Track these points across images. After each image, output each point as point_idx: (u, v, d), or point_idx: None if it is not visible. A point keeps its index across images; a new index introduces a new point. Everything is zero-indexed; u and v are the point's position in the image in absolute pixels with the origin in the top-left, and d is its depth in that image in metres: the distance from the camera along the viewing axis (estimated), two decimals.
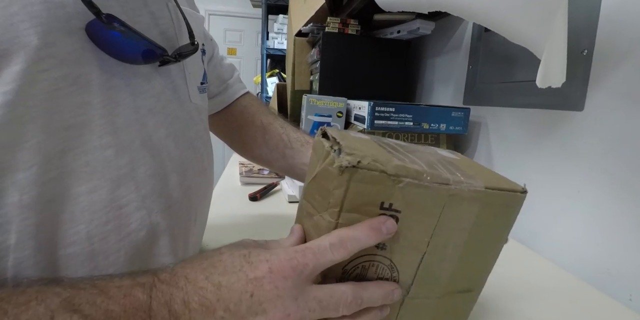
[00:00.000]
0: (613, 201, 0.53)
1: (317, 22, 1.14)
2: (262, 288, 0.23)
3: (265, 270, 0.24)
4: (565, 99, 0.61)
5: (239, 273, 0.24)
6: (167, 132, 0.33)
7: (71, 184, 0.26)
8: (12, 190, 0.23)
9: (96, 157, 0.27)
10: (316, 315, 0.24)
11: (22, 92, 0.23)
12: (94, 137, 0.26)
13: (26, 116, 0.23)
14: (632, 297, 0.49)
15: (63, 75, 0.25)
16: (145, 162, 0.30)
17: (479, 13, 0.57)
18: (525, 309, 0.44)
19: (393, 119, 0.82)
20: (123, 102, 0.29)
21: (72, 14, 0.25)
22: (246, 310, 0.23)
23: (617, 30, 0.53)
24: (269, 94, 2.77)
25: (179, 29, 0.37)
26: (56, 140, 0.25)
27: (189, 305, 0.23)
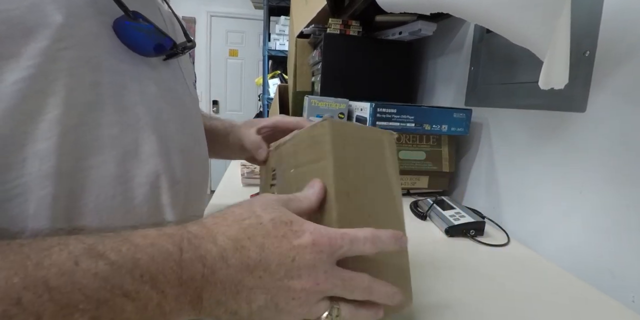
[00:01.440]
0: (616, 202, 0.53)
1: (319, 23, 1.14)
2: (303, 255, 0.26)
3: (308, 240, 0.27)
4: (567, 100, 0.61)
5: (283, 239, 0.26)
6: (169, 117, 0.35)
7: (83, 157, 0.27)
8: (33, 159, 0.24)
9: (104, 133, 0.28)
10: (337, 291, 0.28)
11: (45, 67, 0.24)
12: (103, 115, 0.28)
13: (47, 90, 0.25)
14: (634, 298, 0.49)
15: (79, 55, 0.27)
16: (149, 141, 0.32)
17: (481, 14, 0.57)
18: (527, 310, 0.44)
19: (395, 120, 0.82)
20: (129, 86, 0.31)
21: (94, 2, 0.28)
22: (284, 273, 0.26)
23: (619, 32, 0.53)
24: (271, 95, 2.77)
25: (173, 29, 0.41)
26: (72, 114, 0.26)
27: (228, 261, 0.25)
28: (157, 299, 0.22)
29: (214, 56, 3.95)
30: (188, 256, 0.24)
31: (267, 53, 2.85)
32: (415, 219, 0.74)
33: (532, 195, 0.68)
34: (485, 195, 0.82)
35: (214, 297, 0.25)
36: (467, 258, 0.58)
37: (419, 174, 0.89)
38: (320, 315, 0.28)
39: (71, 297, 0.19)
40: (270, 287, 0.26)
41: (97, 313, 0.20)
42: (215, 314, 0.26)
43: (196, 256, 0.24)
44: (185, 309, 0.24)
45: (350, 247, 0.28)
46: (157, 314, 0.22)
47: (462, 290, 0.48)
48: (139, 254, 0.22)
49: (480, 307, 0.45)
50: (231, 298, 0.25)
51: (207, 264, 0.24)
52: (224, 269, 0.24)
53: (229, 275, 0.25)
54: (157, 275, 0.22)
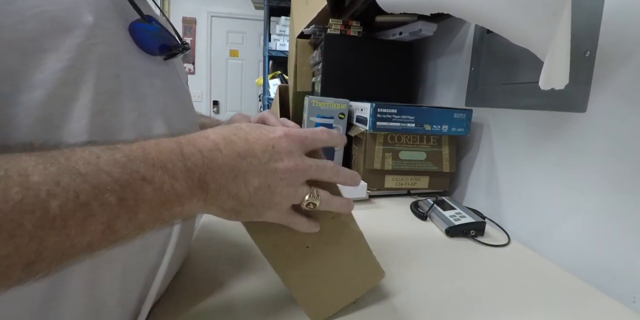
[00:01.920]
0: (616, 202, 0.53)
1: (319, 23, 1.14)
2: (280, 144, 0.33)
3: (281, 133, 0.33)
4: (568, 101, 0.61)
5: (261, 134, 0.33)
6: (173, 108, 0.39)
7: (107, 137, 0.31)
8: (68, 137, 0.28)
9: (124, 117, 0.32)
10: (312, 171, 0.34)
11: (79, 60, 0.29)
12: (123, 102, 0.32)
13: (80, 78, 0.29)
14: (635, 299, 0.49)
15: (105, 50, 0.31)
16: (160, 128, 0.36)
17: (482, 15, 0.57)
18: (527, 311, 0.44)
19: (395, 120, 0.82)
20: (141, 79, 0.35)
21: (116, 8, 0.33)
22: (269, 157, 0.32)
23: (620, 32, 0.53)
24: (271, 96, 2.77)
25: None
26: (99, 100, 0.30)
27: (222, 151, 0.30)
28: (170, 182, 0.27)
29: (215, 56, 3.95)
30: (188, 149, 0.29)
31: (267, 53, 2.85)
32: (416, 219, 0.74)
33: (533, 195, 0.68)
34: (486, 195, 0.82)
35: (215, 181, 0.30)
36: (467, 258, 0.58)
37: (420, 175, 0.89)
38: (304, 195, 0.35)
39: (100, 180, 0.23)
40: (260, 170, 0.32)
41: (123, 193, 0.24)
42: (220, 200, 0.31)
43: (195, 149, 0.29)
44: (196, 193, 0.29)
45: (314, 137, 0.36)
46: (172, 195, 0.27)
47: (463, 290, 0.48)
48: (148, 149, 0.27)
49: (480, 308, 0.45)
50: (231, 181, 0.31)
51: (205, 154, 0.29)
52: (220, 157, 0.30)
53: (225, 162, 0.30)
54: (166, 164, 0.27)
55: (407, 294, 0.47)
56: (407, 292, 0.47)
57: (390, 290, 0.47)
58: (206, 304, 0.43)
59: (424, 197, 0.82)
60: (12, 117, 0.26)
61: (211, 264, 0.52)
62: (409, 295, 0.46)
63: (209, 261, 0.53)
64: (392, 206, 0.83)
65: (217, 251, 0.56)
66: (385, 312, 0.43)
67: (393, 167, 0.86)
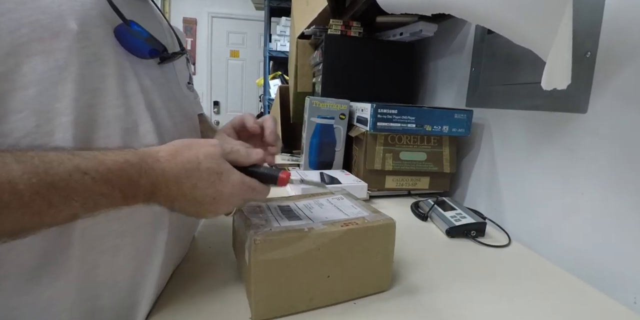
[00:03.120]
0: (617, 203, 0.52)
1: (320, 24, 1.15)
2: (222, 197, 0.37)
3: (229, 190, 0.37)
4: (569, 101, 0.61)
5: (211, 184, 0.37)
6: (162, 106, 0.43)
7: (94, 130, 0.35)
8: (59, 129, 0.33)
9: (111, 112, 0.36)
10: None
11: (68, 60, 0.33)
12: (110, 99, 0.36)
13: (69, 77, 0.33)
14: (636, 300, 0.49)
15: (92, 52, 0.35)
16: (146, 122, 0.39)
17: (483, 15, 0.57)
18: (528, 311, 0.44)
19: (396, 121, 0.82)
20: (129, 78, 0.38)
21: (102, 14, 0.36)
22: (207, 203, 0.37)
23: (620, 33, 0.53)
24: (272, 96, 2.77)
25: (172, 41, 0.51)
26: (86, 97, 0.34)
27: (169, 188, 0.35)
28: (122, 197, 0.33)
29: (215, 57, 3.95)
30: (144, 181, 0.34)
31: (268, 54, 2.85)
32: (416, 220, 0.74)
33: (534, 196, 0.68)
34: (486, 196, 0.82)
35: (158, 200, 0.36)
36: (468, 259, 0.58)
37: (420, 175, 0.89)
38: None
39: (68, 193, 0.29)
40: (195, 206, 0.37)
41: (85, 202, 0.30)
42: (158, 204, 0.36)
43: (149, 182, 0.34)
44: (139, 202, 0.35)
45: (254, 197, 0.41)
46: (122, 203, 0.33)
47: (463, 291, 0.48)
48: (110, 175, 0.32)
49: (481, 308, 0.45)
50: (169, 204, 0.36)
51: (156, 186, 0.35)
52: (166, 190, 0.35)
53: (169, 194, 0.36)
54: (122, 187, 0.32)
55: (407, 294, 0.47)
56: (407, 293, 0.47)
57: (390, 291, 0.47)
58: (207, 304, 0.43)
59: (425, 198, 0.82)
60: (8, 111, 0.30)
61: (212, 265, 0.52)
62: (408, 296, 0.46)
63: (209, 261, 0.53)
64: (393, 207, 0.83)
65: (217, 252, 0.56)
66: (385, 312, 0.43)
67: (393, 168, 0.85)
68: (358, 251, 0.44)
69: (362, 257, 0.44)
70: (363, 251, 0.44)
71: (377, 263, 0.45)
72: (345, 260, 0.43)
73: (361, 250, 0.44)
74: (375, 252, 0.45)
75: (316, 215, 0.47)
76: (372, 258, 0.45)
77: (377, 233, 0.45)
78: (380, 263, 0.46)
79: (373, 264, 0.45)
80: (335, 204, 0.52)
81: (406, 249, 0.60)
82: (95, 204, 0.31)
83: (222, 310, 0.42)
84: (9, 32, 0.30)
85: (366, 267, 0.45)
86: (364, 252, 0.44)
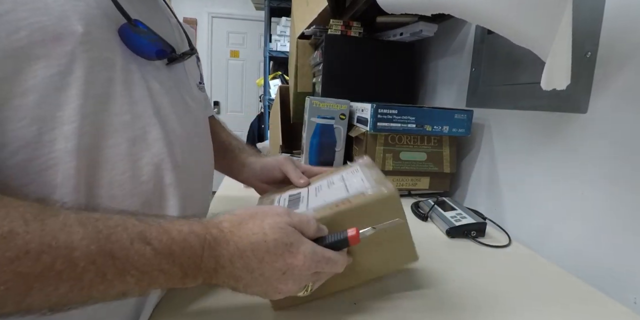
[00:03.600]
0: (617, 203, 0.52)
1: (320, 24, 1.15)
2: (292, 271, 0.33)
3: (300, 262, 0.33)
4: (569, 101, 0.61)
5: (279, 257, 0.33)
6: (170, 111, 0.41)
7: (100, 139, 0.33)
8: (61, 139, 0.31)
9: (118, 120, 0.34)
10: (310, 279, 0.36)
11: (70, 65, 0.31)
12: (117, 105, 0.34)
13: (72, 84, 0.31)
14: (636, 300, 0.49)
15: (97, 56, 0.33)
16: (155, 129, 0.38)
17: (483, 15, 0.57)
18: (528, 312, 0.44)
19: (396, 121, 0.82)
20: (137, 82, 0.37)
21: (106, 15, 0.34)
22: (275, 279, 0.33)
23: (621, 33, 0.53)
24: (272, 96, 2.77)
25: (181, 39, 0.48)
26: (90, 104, 0.32)
27: (234, 264, 0.32)
28: (181, 275, 0.30)
29: (215, 57, 3.95)
30: (207, 254, 0.31)
31: (268, 54, 2.85)
32: (416, 220, 0.74)
33: (534, 196, 0.68)
34: (487, 196, 0.82)
35: (220, 279, 0.33)
36: (468, 259, 0.58)
37: (420, 175, 0.89)
38: (298, 292, 0.36)
39: (126, 266, 0.27)
40: (263, 284, 0.34)
41: (141, 277, 0.28)
42: (219, 285, 0.34)
43: (212, 256, 0.32)
44: (199, 282, 0.32)
45: (330, 270, 0.37)
46: (179, 282, 0.31)
47: (463, 291, 0.48)
48: (174, 246, 0.30)
49: (481, 308, 0.44)
50: (233, 283, 0.33)
51: (219, 262, 0.32)
52: (230, 268, 0.32)
53: (233, 272, 0.32)
54: (183, 263, 0.30)
55: (407, 294, 0.47)
56: (407, 293, 0.47)
57: (390, 291, 0.47)
58: (207, 304, 0.43)
59: (425, 198, 0.82)
60: (7, 119, 0.28)
61: None
62: (409, 296, 0.46)
63: None
64: None
65: None
66: (386, 312, 0.43)
67: (394, 168, 0.85)
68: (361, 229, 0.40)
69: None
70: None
71: (391, 237, 0.42)
72: None
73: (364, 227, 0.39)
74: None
75: (318, 198, 0.45)
76: (382, 233, 0.40)
77: (376, 209, 0.41)
78: (395, 236, 0.43)
79: (387, 239, 0.42)
80: (347, 180, 0.48)
81: None
82: (151, 281, 0.29)
83: (245, 301, 0.42)
84: (6, 35, 0.27)
85: (380, 242, 0.42)
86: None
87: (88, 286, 0.26)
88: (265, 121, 3.04)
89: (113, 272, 0.27)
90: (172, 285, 0.30)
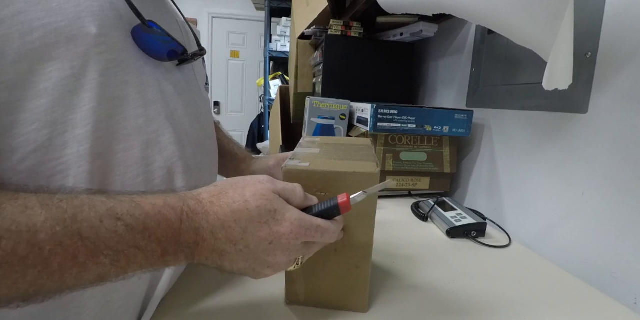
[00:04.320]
0: (618, 203, 0.52)
1: (320, 24, 1.15)
2: (280, 240, 0.31)
3: (287, 229, 0.32)
4: (569, 102, 0.61)
5: (264, 225, 0.31)
6: (183, 113, 0.41)
7: (113, 142, 0.32)
8: (73, 142, 0.30)
9: (131, 123, 0.34)
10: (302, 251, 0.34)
11: (84, 67, 0.30)
12: (130, 108, 0.34)
13: (86, 86, 0.30)
14: (637, 300, 0.49)
15: (112, 58, 0.32)
16: (168, 132, 0.37)
17: (484, 15, 0.57)
18: (528, 312, 0.44)
19: (396, 121, 0.82)
20: (151, 85, 0.36)
21: (120, 16, 0.33)
22: (262, 251, 0.31)
23: (621, 33, 0.53)
24: (272, 97, 2.77)
25: (188, 39, 0.47)
26: (104, 107, 0.31)
27: (216, 235, 0.30)
28: (160, 252, 0.28)
29: (216, 57, 3.95)
30: (185, 227, 0.29)
31: (268, 54, 2.85)
32: (417, 220, 0.74)
33: (534, 196, 0.68)
34: (487, 196, 0.82)
35: (203, 255, 0.31)
36: (468, 259, 0.58)
37: (421, 175, 0.89)
38: (289, 267, 0.34)
39: (98, 245, 0.25)
40: (249, 258, 0.32)
41: (117, 257, 0.26)
42: (206, 263, 0.32)
43: (191, 228, 0.30)
44: (181, 259, 0.30)
45: (321, 239, 0.34)
46: (159, 261, 0.29)
47: (464, 291, 0.48)
48: (148, 220, 0.28)
49: (481, 309, 0.44)
50: (217, 259, 0.31)
51: (199, 234, 0.30)
52: (212, 240, 0.30)
53: (216, 245, 0.30)
54: (161, 237, 0.28)
55: (407, 295, 0.47)
56: (407, 293, 0.47)
57: (390, 291, 0.47)
58: (208, 304, 0.43)
59: (425, 198, 0.82)
60: (18, 123, 0.27)
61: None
62: (409, 296, 0.46)
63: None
64: (393, 207, 0.83)
65: None
66: (386, 312, 0.43)
67: (394, 168, 0.85)
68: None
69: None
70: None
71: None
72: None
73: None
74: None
75: None
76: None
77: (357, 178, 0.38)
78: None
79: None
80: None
81: (407, 249, 0.60)
82: (128, 260, 0.27)
83: (246, 301, 0.42)
84: (20, 36, 0.27)
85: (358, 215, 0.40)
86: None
87: (59, 271, 0.24)
88: (266, 121, 3.05)
89: (85, 254, 0.25)
90: (153, 264, 0.28)
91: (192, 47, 0.48)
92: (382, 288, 0.48)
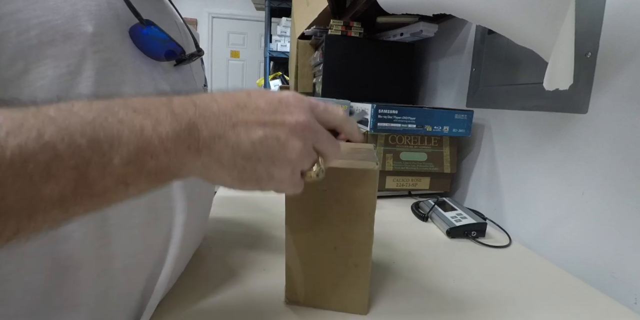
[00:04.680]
0: (617, 203, 0.52)
1: (320, 24, 1.15)
2: (288, 99, 0.29)
3: (290, 94, 0.30)
4: (569, 102, 0.61)
5: (267, 93, 0.29)
6: None
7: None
8: None
9: None
10: (323, 137, 0.31)
11: (80, 66, 0.30)
12: None
13: (83, 84, 0.30)
14: (637, 300, 0.49)
15: (109, 57, 0.32)
16: None
17: (485, 15, 0.57)
18: (528, 312, 0.44)
19: (396, 121, 0.82)
20: (147, 84, 0.36)
21: (118, 15, 0.33)
22: (274, 109, 0.28)
23: (621, 33, 0.53)
24: None
25: (186, 40, 0.47)
26: None
27: (218, 101, 0.27)
28: (152, 124, 0.23)
29: (216, 57, 3.95)
30: (179, 99, 0.26)
31: (268, 54, 2.85)
32: (417, 220, 0.74)
33: (534, 196, 0.68)
34: (487, 196, 0.82)
35: (209, 128, 0.26)
36: (468, 259, 0.58)
37: (421, 175, 0.89)
38: (315, 161, 0.31)
39: (70, 121, 0.20)
40: (265, 120, 0.27)
41: (95, 135, 0.21)
42: (217, 151, 0.26)
43: (187, 99, 0.26)
44: (184, 139, 0.25)
45: (325, 109, 0.32)
46: (154, 139, 0.23)
47: (464, 291, 0.48)
48: (131, 98, 0.24)
49: (481, 309, 0.44)
50: (229, 129, 0.26)
51: (197, 102, 0.26)
52: (215, 106, 0.26)
53: (221, 109, 0.26)
54: (148, 109, 0.24)
55: (407, 294, 0.47)
56: (407, 293, 0.47)
57: (391, 291, 0.47)
58: (208, 304, 0.43)
59: (425, 198, 0.82)
60: None
61: (213, 265, 0.52)
62: (409, 296, 0.46)
63: (211, 262, 0.53)
64: (393, 207, 0.83)
65: (219, 252, 0.56)
66: (386, 312, 0.43)
67: (394, 168, 0.85)
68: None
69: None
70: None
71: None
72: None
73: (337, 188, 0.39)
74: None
75: None
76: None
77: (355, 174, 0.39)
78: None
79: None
80: None
81: (407, 249, 0.60)
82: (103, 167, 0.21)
83: (245, 301, 0.42)
84: (17, 34, 0.27)
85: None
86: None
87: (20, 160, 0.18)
88: None
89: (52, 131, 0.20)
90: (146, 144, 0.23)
91: (190, 49, 0.48)
92: (382, 288, 0.48)
